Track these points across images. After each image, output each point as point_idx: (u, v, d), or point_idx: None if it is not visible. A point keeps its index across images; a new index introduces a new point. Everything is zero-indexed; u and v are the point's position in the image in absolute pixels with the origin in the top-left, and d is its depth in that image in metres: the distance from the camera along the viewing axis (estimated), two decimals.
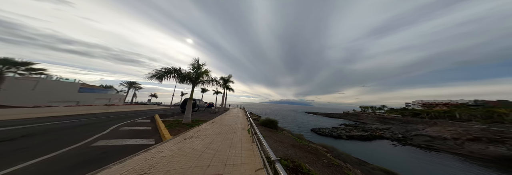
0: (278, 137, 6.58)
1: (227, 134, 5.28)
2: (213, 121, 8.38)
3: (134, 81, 25.74)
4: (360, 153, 13.38)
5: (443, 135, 18.30)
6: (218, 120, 8.99)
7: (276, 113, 56.29)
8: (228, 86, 17.51)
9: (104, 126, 6.70)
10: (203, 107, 17.22)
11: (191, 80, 7.96)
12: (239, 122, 8.10)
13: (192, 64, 8.31)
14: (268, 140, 5.46)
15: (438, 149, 15.84)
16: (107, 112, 12.62)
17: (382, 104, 54.34)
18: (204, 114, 12.37)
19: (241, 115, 11.95)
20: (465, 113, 27.53)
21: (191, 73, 8.02)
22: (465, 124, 21.69)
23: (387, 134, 21.98)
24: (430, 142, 17.74)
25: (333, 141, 18.01)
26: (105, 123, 7.34)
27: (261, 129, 7.58)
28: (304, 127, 27.34)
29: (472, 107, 33.67)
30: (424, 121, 28.62)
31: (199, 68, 8.37)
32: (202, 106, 17.17)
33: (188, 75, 7.91)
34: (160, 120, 8.47)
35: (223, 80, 16.45)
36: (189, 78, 7.89)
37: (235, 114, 12.59)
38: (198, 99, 17.17)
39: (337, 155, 7.84)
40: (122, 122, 7.82)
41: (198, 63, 8.39)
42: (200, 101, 16.80)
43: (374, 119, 43.14)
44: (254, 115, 19.38)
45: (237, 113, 14.51)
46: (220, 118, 9.98)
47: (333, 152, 8.35)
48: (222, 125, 7.23)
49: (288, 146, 5.38)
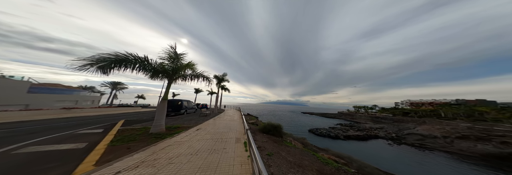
0: (290, 153, 4.69)
1: (211, 153, 3.43)
2: (198, 128, 6.41)
3: (119, 82, 24.09)
4: (359, 153, 13.50)
5: (433, 134, 19.16)
6: (207, 125, 7.25)
7: (274, 114, 56.27)
8: (224, 86, 16.86)
9: (2, 143, 4.40)
10: (192, 109, 14.85)
11: (167, 75, 6.03)
12: (233, 128, 6.48)
13: (168, 54, 6.09)
14: (277, 161, 3.63)
15: (430, 147, 16.49)
16: (61, 117, 10.05)
17: (373, 104, 56.53)
18: (191, 118, 10.22)
19: (236, 118, 10.46)
20: (449, 112, 29.31)
21: (166, 65, 6.02)
22: (452, 122, 22.97)
23: (381, 134, 22.62)
24: (422, 141, 18.46)
25: (331, 142, 18.13)
26: (16, 138, 4.94)
27: (263, 138, 5.92)
28: (301, 127, 27.42)
29: (454, 105, 36.04)
30: (414, 119, 30.03)
31: (177, 58, 6.19)
32: (192, 108, 14.76)
33: (162, 68, 5.82)
34: (117, 128, 6.55)
35: (217, 79, 14.95)
36: (164, 72, 5.89)
37: (229, 117, 10.93)
38: (187, 99, 14.97)
39: (359, 168, 7.74)
40: (54, 134, 5.54)
41: (175, 53, 6.19)
42: (188, 102, 14.42)
43: (367, 118, 44.64)
44: (252, 117, 17.39)
45: (233, 115, 12.73)
46: (210, 122, 8.26)
47: (352, 164, 8.26)
48: (208, 134, 5.45)
49: (314, 174, 3.56)
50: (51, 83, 19.63)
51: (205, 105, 24.51)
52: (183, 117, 10.64)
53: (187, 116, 11.75)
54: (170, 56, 6.10)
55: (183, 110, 12.26)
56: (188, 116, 11.75)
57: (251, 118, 15.30)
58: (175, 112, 11.76)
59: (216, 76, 14.76)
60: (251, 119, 14.22)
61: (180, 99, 12.81)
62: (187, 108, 13.31)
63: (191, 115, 12.17)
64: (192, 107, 14.89)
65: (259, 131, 7.28)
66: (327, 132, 22.12)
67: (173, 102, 12.20)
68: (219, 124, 7.76)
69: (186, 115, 12.20)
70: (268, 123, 7.72)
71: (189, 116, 11.27)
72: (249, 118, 16.13)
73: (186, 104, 13.36)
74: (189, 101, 14.75)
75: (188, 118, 10.32)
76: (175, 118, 10.44)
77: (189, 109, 13.76)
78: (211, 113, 13.84)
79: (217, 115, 12.71)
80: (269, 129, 7.27)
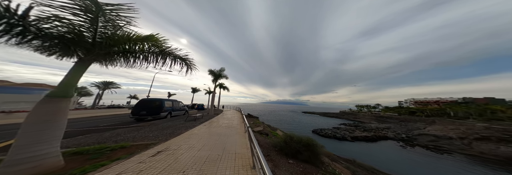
0: None
1: None
2: (162, 149, 3.17)
3: (110, 81, 22.54)
4: (371, 156, 12.16)
5: (448, 134, 17.80)
6: (185, 140, 3.99)
7: (275, 114, 55.02)
8: (222, 85, 15.38)
9: None
10: (182, 111, 11.86)
11: (85, 48, 2.77)
12: (230, 148, 3.33)
13: None
14: None
15: (447, 149, 15.13)
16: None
17: (373, 103, 55.30)
18: (171, 124, 6.72)
19: (236, 122, 7.46)
20: (460, 111, 27.96)
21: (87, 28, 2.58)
22: (466, 122, 21.60)
23: (390, 134, 21.28)
24: (436, 142, 17.11)
25: (337, 143, 16.80)
26: None
27: (287, 170, 2.91)
28: (304, 128, 26.08)
29: (463, 104, 34.69)
30: (422, 119, 28.66)
31: (102, 12, 2.47)
32: (181, 109, 11.81)
33: (73, 32, 2.53)
34: None
35: (213, 75, 12.24)
36: (61, 39, 2.54)
37: (227, 121, 7.75)
38: (173, 99, 12.10)
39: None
40: None
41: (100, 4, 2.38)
42: (175, 102, 11.35)
43: (371, 117, 43.29)
44: (256, 121, 11.88)
45: (232, 117, 9.68)
46: (195, 132, 4.96)
47: None
48: (171, 169, 2.27)
49: None
50: (34, 83, 18.24)
51: (201, 105, 21.76)
52: (159, 123, 7.16)
53: (169, 120, 8.35)
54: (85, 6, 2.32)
55: (165, 113, 9.13)
56: (170, 120, 8.36)
57: (254, 121, 11.24)
58: (153, 115, 8.64)
59: (211, 71, 12.30)
60: (255, 122, 10.58)
61: (160, 98, 9.74)
62: (172, 110, 10.28)
63: (176, 119, 8.80)
64: (182, 108, 12.02)
65: (277, 151, 3.87)
66: (333, 132, 20.77)
67: (149, 102, 9.08)
68: (208, 135, 4.61)
69: (169, 119, 8.79)
70: (290, 135, 4.11)
71: (172, 121, 7.91)
72: (250, 119, 12.01)
73: (171, 105, 10.32)
74: (175, 100, 11.72)
75: (167, 124, 6.82)
76: (148, 124, 6.90)
77: (175, 110, 10.76)
78: (206, 114, 11.43)
79: (212, 118, 9.53)
80: (296, 150, 3.69)
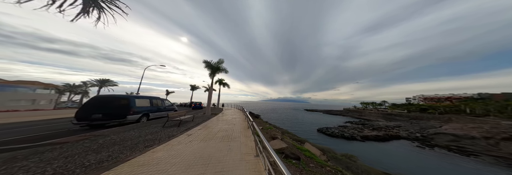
0: None
1: None
2: None
3: (107, 79, 21.55)
4: (388, 159, 10.72)
5: (470, 134, 16.09)
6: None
7: (277, 112, 53.75)
8: (222, 81, 13.99)
9: None
10: (167, 111, 8.44)
11: None
12: None
13: None
14: None
15: (472, 151, 13.50)
16: None
17: (376, 100, 53.15)
18: (135, 135, 4.17)
19: (239, 128, 5.25)
20: (478, 107, 25.89)
21: None
22: (488, 120, 19.72)
23: (402, 133, 19.66)
24: (457, 142, 15.45)
25: (346, 143, 15.38)
26: None
27: None
28: (308, 126, 24.69)
29: (480, 100, 32.42)
30: (435, 117, 26.77)
31: None
32: (167, 109, 8.56)
33: None
34: None
35: (210, 67, 9.82)
36: None
37: (226, 127, 5.52)
38: (152, 96, 8.19)
39: None
40: None
41: None
42: (156, 99, 7.93)
43: (377, 115, 41.47)
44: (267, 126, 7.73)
45: (232, 120, 7.31)
46: (161, 155, 2.68)
47: None
48: None
49: None
50: (26, 81, 17.39)
51: (199, 104, 19.00)
52: (117, 132, 4.39)
53: (139, 126, 5.33)
54: None
55: (136, 115, 6.07)
56: (141, 126, 5.38)
57: (264, 126, 7.57)
58: (114, 119, 5.55)
59: (207, 63, 9.83)
60: (265, 127, 6.89)
61: (127, 95, 6.61)
62: (151, 111, 7.13)
63: (153, 124, 5.87)
64: (168, 108, 8.68)
65: None
66: (340, 131, 19.32)
67: (107, 101, 5.88)
68: (184, 165, 2.26)
69: (141, 125, 5.69)
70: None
71: (141, 128, 5.01)
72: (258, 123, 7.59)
73: (148, 103, 7.11)
74: (158, 98, 8.14)
75: (124, 135, 4.13)
76: (86, 136, 3.90)
77: (158, 111, 7.63)
78: (202, 115, 8.99)
79: (206, 120, 6.96)
80: None
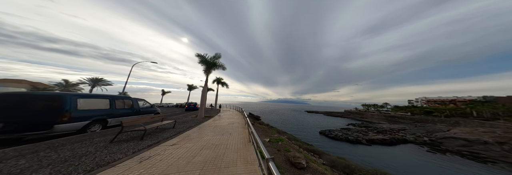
0: None
1: None
2: None
3: (100, 78, 20.69)
4: (401, 165, 9.84)
5: (483, 138, 15.21)
6: None
7: (277, 113, 52.84)
8: (220, 80, 13.14)
9: None
10: (142, 113, 6.31)
11: None
12: None
13: None
14: None
15: (487, 157, 12.59)
16: None
17: (376, 101, 52.38)
18: (43, 162, 2.31)
19: (236, 140, 3.69)
20: (486, 111, 25.02)
21: None
22: (499, 124, 18.85)
23: (409, 137, 18.75)
24: (470, 148, 14.54)
25: (351, 147, 14.49)
26: None
27: None
28: (310, 128, 23.80)
29: (486, 103, 31.55)
30: (441, 120, 25.88)
31: None
32: (142, 112, 6.32)
33: None
34: None
35: (205, 62, 8.36)
36: None
37: (219, 137, 3.99)
38: (112, 95, 5.75)
39: None
40: None
41: None
42: (126, 99, 5.91)
43: (380, 117, 40.54)
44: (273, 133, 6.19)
45: (229, 125, 5.72)
46: None
47: None
48: None
49: None
50: (12, 79, 16.56)
51: (194, 104, 16.85)
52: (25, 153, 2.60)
53: (71, 143, 3.29)
54: None
55: (74, 123, 4.07)
56: (73, 143, 3.30)
57: (271, 137, 5.36)
58: (27, 130, 3.45)
59: (202, 58, 8.24)
60: (275, 140, 4.86)
61: (61, 93, 4.26)
62: (109, 115, 4.99)
63: (96, 138, 3.77)
64: (141, 111, 6.31)
65: None
66: (344, 134, 18.42)
67: (19, 100, 3.81)
68: None
69: (78, 139, 3.59)
70: None
71: (69, 146, 3.08)
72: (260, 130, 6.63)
73: (100, 106, 4.88)
74: (125, 97, 6.01)
75: (13, 164, 2.21)
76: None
77: (118, 116, 5.30)
78: (194, 118, 7.59)
79: (193, 127, 5.40)
80: None
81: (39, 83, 18.39)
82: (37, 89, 17.38)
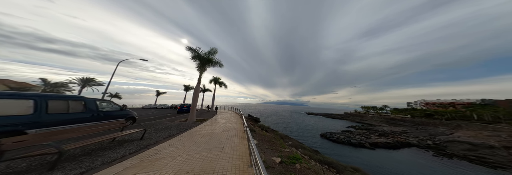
0: None
1: None
2: None
3: (91, 78, 19.66)
4: (410, 171, 9.27)
5: (488, 142, 14.81)
6: None
7: (277, 115, 52.14)
8: (218, 80, 12.51)
9: None
10: (103, 119, 4.66)
11: None
12: None
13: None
14: None
15: (494, 162, 12.12)
16: None
17: (374, 104, 52.28)
18: None
19: (230, 163, 2.33)
20: (487, 114, 24.84)
21: None
22: (502, 127, 18.55)
23: (413, 140, 18.28)
24: (475, 152, 14.10)
25: (354, 151, 13.90)
26: None
27: None
28: (311, 131, 23.16)
29: (486, 106, 31.52)
30: (443, 123, 25.58)
31: None
32: (95, 118, 4.45)
33: None
34: None
35: (198, 57, 7.61)
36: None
37: (203, 155, 2.67)
38: (38, 93, 3.64)
39: None
40: None
41: None
42: (73, 99, 4.21)
43: (380, 120, 40.23)
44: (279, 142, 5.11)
45: (222, 134, 4.53)
46: None
47: None
48: None
49: None
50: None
51: (187, 106, 15.16)
52: None
53: None
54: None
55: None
56: None
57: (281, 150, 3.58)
58: None
59: (194, 52, 7.53)
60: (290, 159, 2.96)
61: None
62: (33, 122, 3.23)
63: None
64: (100, 115, 4.63)
65: None
66: (346, 137, 17.84)
67: None
68: None
69: None
70: None
71: None
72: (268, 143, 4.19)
73: (14, 110, 3.11)
74: (71, 97, 4.52)
75: None
76: None
77: (51, 125, 3.50)
78: (184, 122, 6.82)
79: (172, 137, 4.07)
80: None
81: (23, 83, 17.37)
82: (18, 89, 16.35)
